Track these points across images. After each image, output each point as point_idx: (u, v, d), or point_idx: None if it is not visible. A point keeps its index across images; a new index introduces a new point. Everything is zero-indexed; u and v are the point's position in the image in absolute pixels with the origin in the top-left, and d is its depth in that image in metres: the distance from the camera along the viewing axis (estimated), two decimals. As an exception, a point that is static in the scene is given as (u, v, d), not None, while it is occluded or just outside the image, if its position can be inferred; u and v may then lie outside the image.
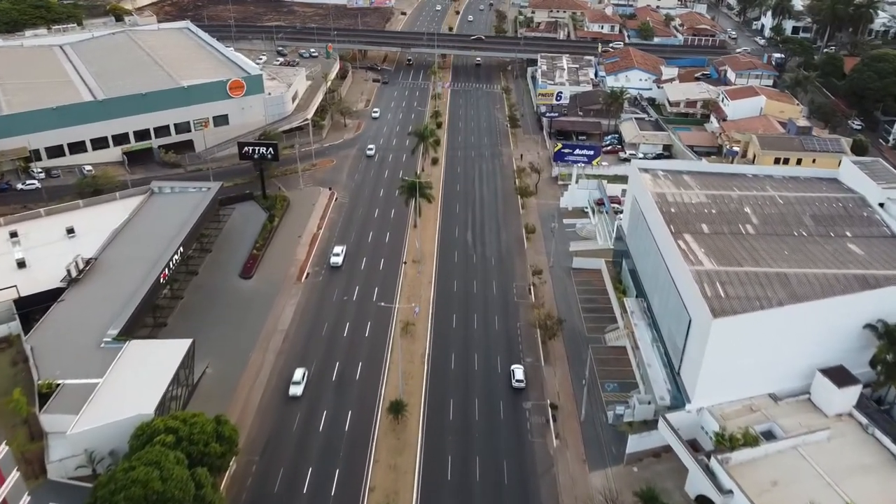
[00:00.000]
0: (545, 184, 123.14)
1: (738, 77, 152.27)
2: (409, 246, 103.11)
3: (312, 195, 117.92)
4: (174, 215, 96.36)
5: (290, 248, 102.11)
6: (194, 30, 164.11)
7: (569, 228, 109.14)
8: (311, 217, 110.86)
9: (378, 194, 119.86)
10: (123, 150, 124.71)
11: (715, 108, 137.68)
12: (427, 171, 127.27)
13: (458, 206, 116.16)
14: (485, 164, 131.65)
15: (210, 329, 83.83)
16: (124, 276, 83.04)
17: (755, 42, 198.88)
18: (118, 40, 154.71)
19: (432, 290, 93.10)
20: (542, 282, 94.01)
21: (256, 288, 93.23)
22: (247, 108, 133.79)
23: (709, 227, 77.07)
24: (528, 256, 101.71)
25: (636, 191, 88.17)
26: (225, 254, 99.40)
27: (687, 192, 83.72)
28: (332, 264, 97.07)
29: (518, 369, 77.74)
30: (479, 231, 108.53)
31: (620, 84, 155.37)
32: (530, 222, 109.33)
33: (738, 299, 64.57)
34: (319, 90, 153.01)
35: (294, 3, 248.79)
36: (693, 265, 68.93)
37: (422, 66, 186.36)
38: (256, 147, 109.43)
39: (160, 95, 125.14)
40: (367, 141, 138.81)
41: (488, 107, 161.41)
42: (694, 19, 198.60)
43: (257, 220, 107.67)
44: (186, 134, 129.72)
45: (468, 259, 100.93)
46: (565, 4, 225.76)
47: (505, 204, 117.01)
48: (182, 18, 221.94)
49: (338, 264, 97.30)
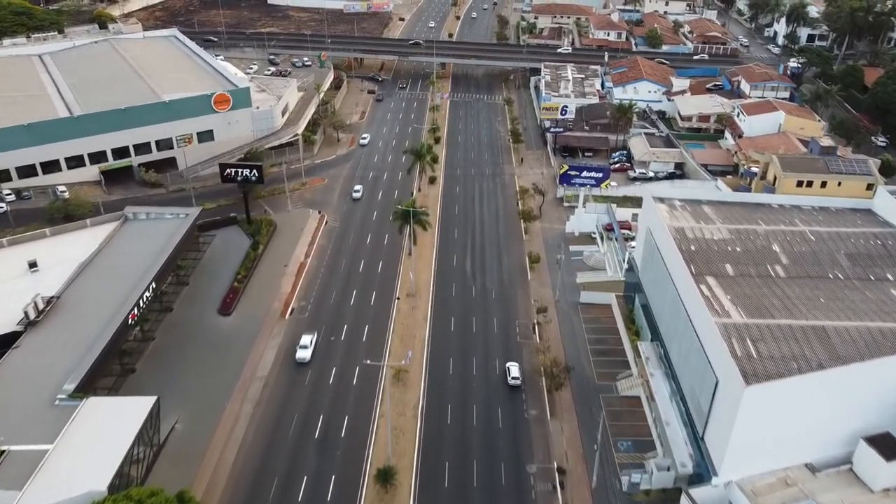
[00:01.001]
0: (550, 205, 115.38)
1: (753, 89, 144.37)
2: (402, 277, 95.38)
3: (301, 218, 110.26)
4: (148, 246, 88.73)
5: (274, 279, 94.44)
6: (181, 38, 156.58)
7: (575, 257, 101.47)
8: (299, 243, 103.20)
9: (371, 217, 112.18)
10: (101, 168, 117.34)
11: (730, 124, 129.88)
12: (424, 190, 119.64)
13: (456, 230, 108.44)
14: (485, 183, 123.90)
15: (183, 375, 76.45)
16: (89, 317, 75.46)
17: (768, 50, 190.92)
18: (100, 49, 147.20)
19: (427, 329, 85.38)
20: (546, 320, 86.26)
21: (236, 326, 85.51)
22: (233, 122, 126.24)
23: (734, 268, 69.25)
24: (532, 289, 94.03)
25: (650, 222, 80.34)
26: (203, 287, 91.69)
27: (708, 226, 75.87)
28: (298, 360, 79.09)
29: (514, 366, 77.56)
30: (479, 259, 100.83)
31: (628, 96, 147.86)
32: (534, 250, 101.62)
33: (772, 360, 56.72)
34: (312, 102, 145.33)
35: (289, 7, 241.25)
36: (719, 317, 61.09)
37: (420, 75, 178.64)
38: (239, 169, 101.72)
39: (140, 111, 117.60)
40: (358, 167, 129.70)
41: (489, 119, 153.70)
42: (704, 26, 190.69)
43: (240, 247, 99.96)
44: (169, 151, 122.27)
45: (467, 292, 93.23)
46: (570, 10, 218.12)
47: (507, 228, 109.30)
48: (173, 23, 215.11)
49: (305, 360, 79.00)
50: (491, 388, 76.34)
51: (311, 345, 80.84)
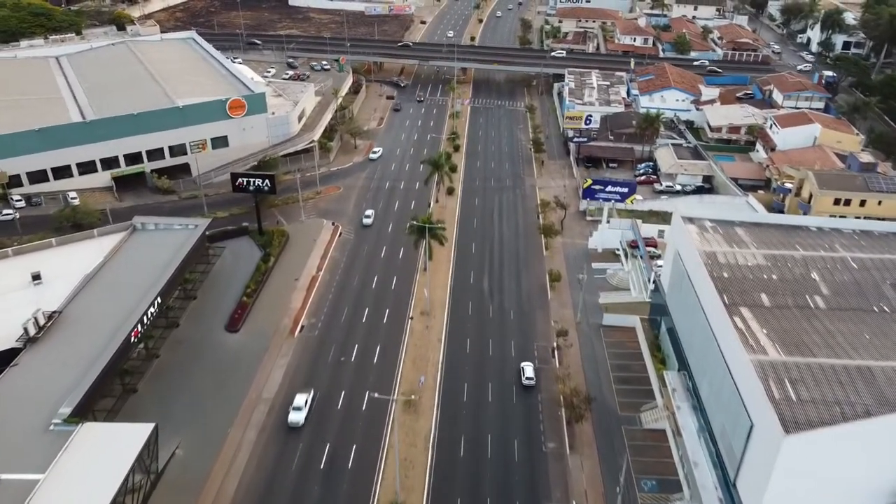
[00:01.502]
0: (572, 219, 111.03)
1: (786, 99, 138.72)
2: (417, 294, 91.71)
3: (314, 229, 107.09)
4: (155, 258, 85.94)
5: (284, 293, 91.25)
6: (199, 41, 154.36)
7: (598, 275, 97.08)
8: (312, 256, 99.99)
9: (387, 228, 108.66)
10: (112, 174, 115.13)
11: (762, 136, 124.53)
12: (442, 201, 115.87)
13: (474, 245, 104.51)
14: (505, 196, 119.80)
15: (186, 396, 73.54)
16: (91, 334, 72.67)
17: (801, 58, 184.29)
18: (117, 52, 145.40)
19: (441, 352, 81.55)
20: (567, 344, 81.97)
21: (243, 343, 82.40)
22: (248, 128, 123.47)
23: (770, 298, 64.56)
24: (552, 309, 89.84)
25: (679, 244, 75.81)
26: (211, 301, 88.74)
27: (741, 250, 71.20)
28: (290, 424, 70.17)
29: (528, 367, 77.50)
30: (497, 276, 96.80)
31: (655, 105, 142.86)
32: (555, 267, 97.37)
33: (813, 404, 52.12)
34: (329, 107, 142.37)
35: (310, 9, 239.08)
36: (755, 353, 56.54)
37: (441, 80, 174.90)
38: (251, 179, 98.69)
39: (153, 116, 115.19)
40: (374, 175, 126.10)
41: (510, 127, 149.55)
42: (734, 32, 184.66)
43: (251, 259, 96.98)
44: (182, 157, 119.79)
45: (483, 312, 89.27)
46: (595, 14, 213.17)
47: (527, 243, 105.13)
48: (194, 24, 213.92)
49: (298, 424, 69.92)
50: (507, 417, 72.30)
51: (306, 406, 71.26)
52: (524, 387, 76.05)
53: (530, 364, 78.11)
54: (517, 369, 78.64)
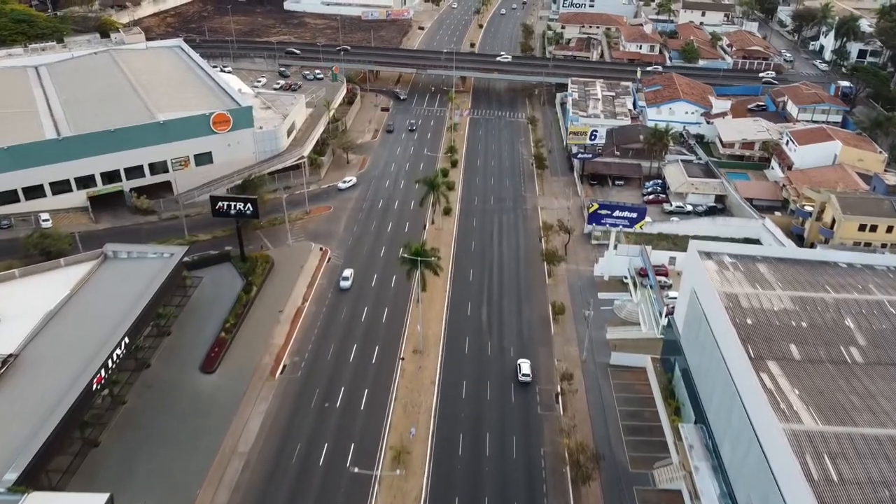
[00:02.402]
0: (576, 242, 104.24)
1: (801, 112, 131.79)
2: (409, 329, 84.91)
3: (301, 254, 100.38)
4: (126, 291, 79.24)
5: (266, 328, 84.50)
6: (186, 49, 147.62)
7: (605, 307, 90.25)
8: (298, 284, 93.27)
9: (378, 253, 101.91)
10: (89, 194, 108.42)
11: (777, 153, 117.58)
12: (438, 222, 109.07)
13: (471, 271, 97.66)
14: (506, 216, 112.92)
15: (153, 450, 66.93)
16: (49, 380, 66.05)
17: (814, 66, 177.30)
18: (99, 61, 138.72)
19: (435, 396, 74.71)
20: (572, 389, 75.09)
21: (219, 386, 75.68)
22: (234, 144, 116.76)
23: (800, 349, 57.74)
24: (556, 346, 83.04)
25: (696, 282, 68.93)
26: (187, 337, 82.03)
27: (766, 292, 64.31)
28: None
29: (525, 363, 77.88)
30: (497, 309, 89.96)
31: (663, 117, 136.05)
32: (558, 298, 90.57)
33: (857, 486, 45.31)
34: (321, 120, 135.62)
35: (305, 14, 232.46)
36: (787, 421, 49.67)
37: (440, 90, 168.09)
38: (232, 202, 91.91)
39: (132, 131, 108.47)
40: (367, 193, 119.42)
41: (511, 140, 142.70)
42: (744, 39, 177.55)
43: (231, 289, 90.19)
44: (163, 175, 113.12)
45: (481, 349, 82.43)
46: (599, 20, 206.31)
47: (528, 270, 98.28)
48: (186, 30, 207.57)
49: None
50: (508, 477, 65.44)
51: None
52: (520, 383, 76.19)
53: (527, 361, 78.59)
54: (519, 419, 71.85)
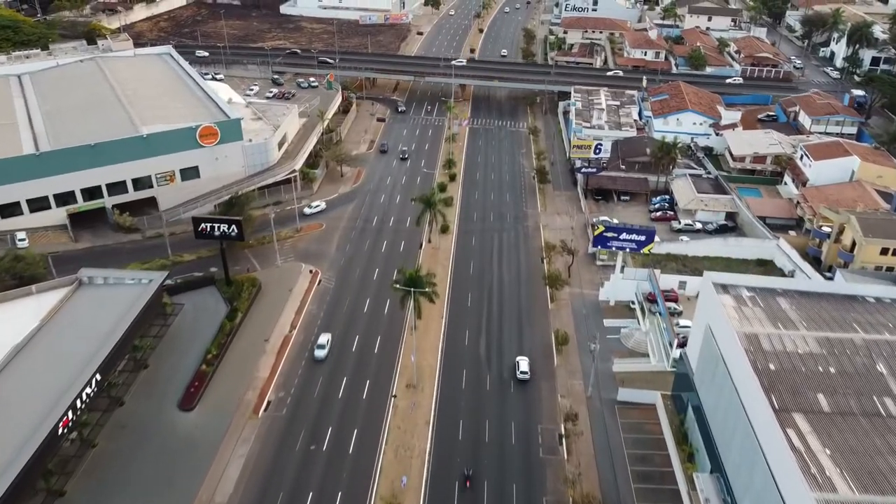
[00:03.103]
0: (581, 263, 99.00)
1: (815, 123, 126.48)
2: (402, 360, 79.70)
3: (291, 276, 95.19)
4: (100, 321, 74.07)
5: (251, 359, 79.30)
6: (176, 57, 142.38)
7: (611, 335, 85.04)
8: (285, 310, 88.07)
9: (372, 275, 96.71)
10: (69, 211, 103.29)
11: (791, 167, 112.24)
12: (435, 241, 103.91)
13: (470, 296, 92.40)
14: (506, 234, 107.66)
15: (125, 499, 61.75)
16: (11, 425, 60.84)
17: (825, 74, 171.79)
18: (84, 70, 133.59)
19: (429, 438, 69.45)
20: (577, 430, 69.78)
21: (198, 425, 70.47)
22: (222, 158, 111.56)
23: (829, 399, 52.51)
24: (559, 379, 77.79)
25: (712, 318, 63.69)
26: (165, 370, 76.86)
27: (789, 332, 59.07)
28: None
29: (523, 361, 77.95)
30: (496, 337, 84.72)
31: (670, 129, 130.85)
32: (562, 326, 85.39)
33: (902, 569, 40.08)
34: (314, 131, 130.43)
35: (302, 17, 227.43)
36: (820, 490, 44.45)
37: (438, 97, 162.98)
38: (215, 224, 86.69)
39: (114, 146, 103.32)
40: (361, 209, 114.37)
41: (512, 152, 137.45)
42: (753, 45, 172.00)
43: (215, 316, 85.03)
44: (147, 190, 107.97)
45: (480, 383, 77.19)
46: (602, 24, 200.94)
47: (530, 294, 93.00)
48: (179, 35, 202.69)
49: None
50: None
51: None
52: (519, 381, 76.01)
53: (525, 358, 78.65)
54: (520, 463, 66.61)
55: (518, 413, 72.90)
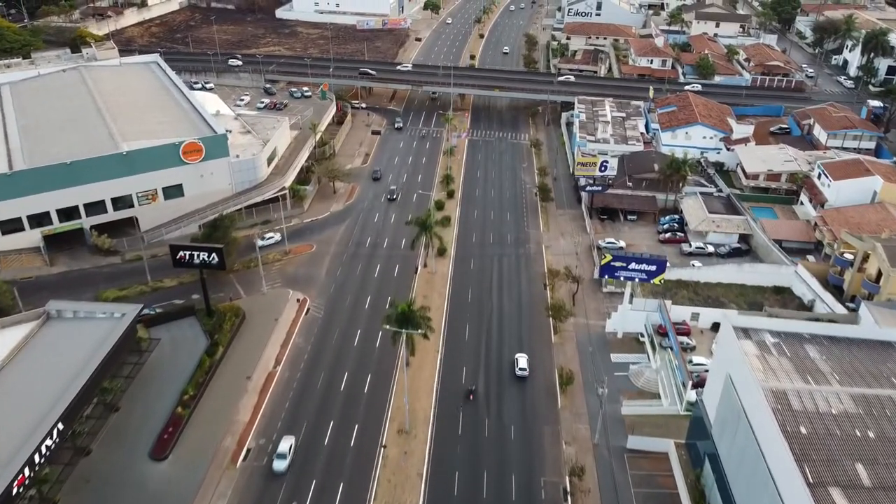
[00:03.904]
0: (586, 289, 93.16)
1: (831, 138, 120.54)
2: (394, 402, 73.88)
3: (277, 304, 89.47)
4: (67, 361, 68.55)
5: (231, 400, 73.54)
6: (163, 66, 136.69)
7: (619, 371, 79.25)
8: (270, 342, 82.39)
9: (364, 302, 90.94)
10: (44, 233, 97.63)
11: (808, 187, 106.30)
12: (430, 266, 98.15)
13: (468, 327, 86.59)
14: (506, 258, 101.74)
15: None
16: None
17: (839, 83, 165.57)
18: (66, 80, 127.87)
19: (422, 493, 63.62)
20: (583, 488, 63.82)
21: (170, 478, 64.66)
22: (207, 175, 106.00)
23: (869, 471, 46.73)
24: (564, 423, 72.02)
25: (733, 368, 57.86)
26: (138, 413, 71.05)
27: (820, 388, 53.24)
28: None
29: (522, 357, 78.79)
30: (496, 374, 78.86)
31: (679, 142, 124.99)
32: (566, 362, 79.61)
33: None
34: (306, 144, 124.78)
35: (297, 22, 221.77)
36: (867, 589, 38.63)
37: (436, 106, 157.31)
38: (194, 252, 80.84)
39: (92, 164, 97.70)
40: (354, 230, 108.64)
41: (513, 166, 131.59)
42: (763, 53, 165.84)
43: (193, 351, 79.20)
44: (128, 210, 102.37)
45: (478, 428, 71.35)
46: (606, 31, 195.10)
47: (532, 326, 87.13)
48: (171, 40, 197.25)
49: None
50: None
51: None
52: (517, 377, 76.36)
53: (524, 356, 79.30)
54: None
55: (519, 464, 67.08)
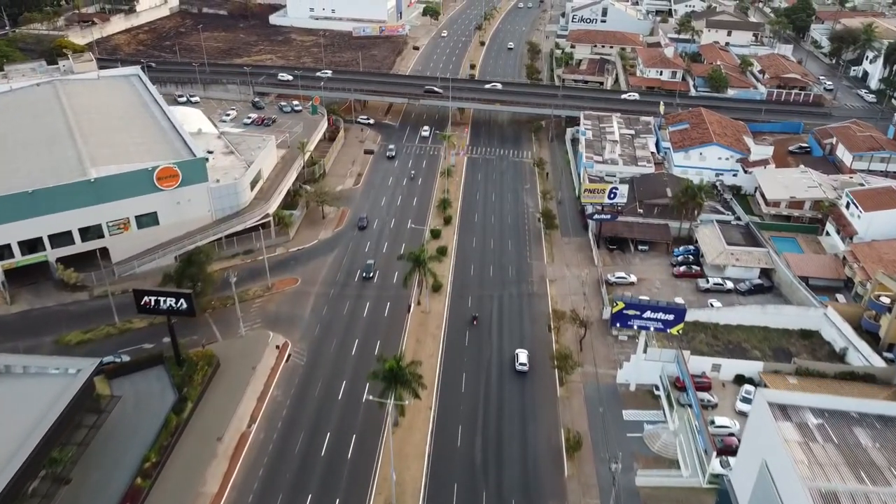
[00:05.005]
0: (595, 331, 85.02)
1: (856, 160, 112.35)
2: (381, 471, 65.85)
3: (255, 348, 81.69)
4: (10, 429, 60.64)
5: (199, 467, 65.74)
6: (144, 80, 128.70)
7: (632, 432, 71.17)
8: (246, 395, 74.64)
9: (350, 347, 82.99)
10: (4, 267, 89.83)
11: (836, 216, 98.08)
12: (424, 304, 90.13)
13: (464, 379, 78.45)
14: (507, 294, 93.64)
15: None
16: None
17: (859, 96, 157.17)
18: (39, 96, 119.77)
19: (410, 588, 55.69)
20: (594, 583, 55.85)
21: (124, 567, 56.77)
22: (184, 202, 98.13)
23: None
24: (571, 497, 64.02)
25: (769, 455, 49.69)
26: (91, 486, 63.06)
27: (878, 489, 45.01)
28: None
29: (522, 353, 79.42)
30: (495, 437, 70.74)
31: (692, 163, 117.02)
32: (573, 422, 71.69)
33: None
34: (293, 165, 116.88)
35: (291, 29, 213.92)
36: None
37: (433, 119, 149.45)
38: (160, 298, 72.81)
39: (57, 192, 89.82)
40: (343, 260, 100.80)
41: (515, 187, 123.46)
42: (779, 65, 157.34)
43: (159, 407, 71.29)
44: (98, 241, 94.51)
45: (475, 503, 63.29)
46: (612, 39, 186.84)
47: (536, 376, 78.99)
48: (159, 48, 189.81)
49: None
50: None
51: None
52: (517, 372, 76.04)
53: (524, 351, 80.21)
54: None
55: (521, 548, 59.08)
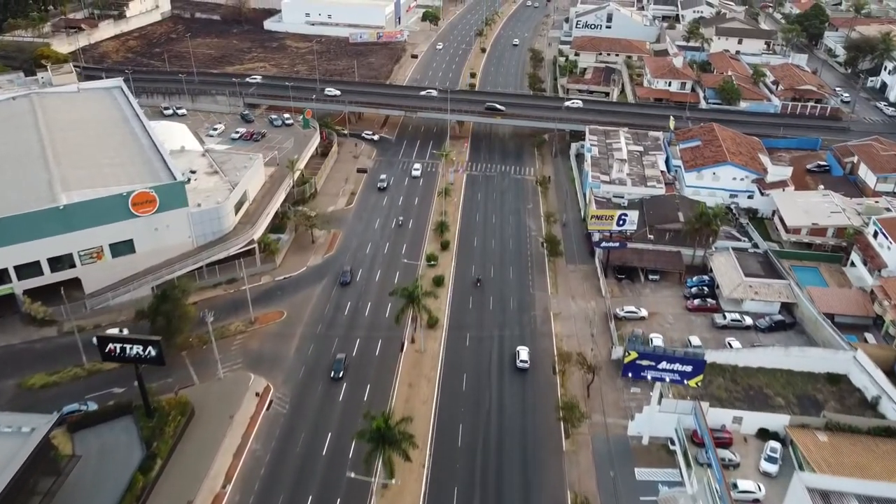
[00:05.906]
0: (604, 375, 78.31)
1: (880, 181, 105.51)
2: (368, 544, 59.33)
3: (235, 393, 75.21)
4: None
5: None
6: (126, 93, 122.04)
7: (646, 496, 64.44)
8: (222, 450, 68.25)
9: (338, 392, 76.34)
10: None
11: (862, 246, 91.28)
12: (419, 343, 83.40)
13: (461, 429, 71.81)
14: (508, 330, 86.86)
15: None
16: None
17: (878, 109, 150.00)
18: (14, 111, 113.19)
19: None
20: None
21: None
22: (162, 228, 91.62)
23: None
24: (578, 574, 57.22)
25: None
26: (43, 562, 56.53)
27: None
28: None
29: (523, 350, 79.56)
30: (494, 499, 63.95)
31: (705, 183, 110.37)
32: (581, 483, 65.05)
33: None
34: (282, 184, 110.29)
35: (286, 35, 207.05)
36: None
37: (431, 133, 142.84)
38: (127, 345, 66.13)
39: (23, 221, 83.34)
40: (332, 292, 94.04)
41: (517, 208, 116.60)
42: (793, 75, 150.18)
43: (125, 467, 64.72)
44: (69, 271, 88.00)
45: (470, 584, 56.73)
46: (618, 46, 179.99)
47: (539, 425, 72.38)
48: (149, 55, 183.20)
49: None
50: None
51: None
52: None
53: (525, 348, 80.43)
54: None
55: None
